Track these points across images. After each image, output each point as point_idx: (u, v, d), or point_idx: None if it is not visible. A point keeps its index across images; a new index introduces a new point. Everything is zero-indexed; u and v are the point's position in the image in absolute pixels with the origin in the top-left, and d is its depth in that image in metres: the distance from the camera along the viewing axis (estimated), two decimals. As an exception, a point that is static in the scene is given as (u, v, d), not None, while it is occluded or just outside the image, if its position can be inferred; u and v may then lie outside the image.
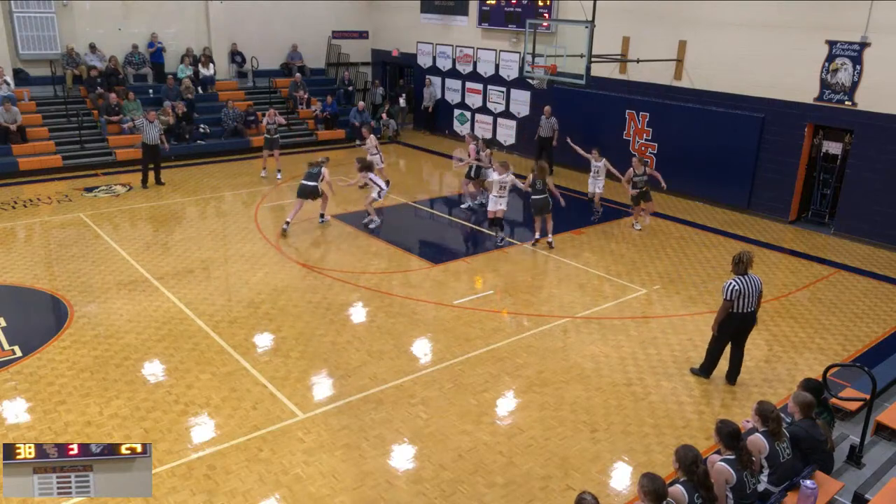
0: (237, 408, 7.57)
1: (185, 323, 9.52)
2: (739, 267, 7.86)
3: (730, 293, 7.83)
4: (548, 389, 8.14)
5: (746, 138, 14.93)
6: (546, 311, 10.31)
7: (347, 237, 13.18)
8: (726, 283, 7.90)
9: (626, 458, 6.97)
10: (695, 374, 8.53)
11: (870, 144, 13.28)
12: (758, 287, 7.93)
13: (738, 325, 8.04)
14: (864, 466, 6.29)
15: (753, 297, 7.90)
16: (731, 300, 7.84)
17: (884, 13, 12.65)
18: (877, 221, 13.37)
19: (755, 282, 7.92)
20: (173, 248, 12.32)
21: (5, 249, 12.02)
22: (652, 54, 16.06)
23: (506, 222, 13.34)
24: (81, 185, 16.05)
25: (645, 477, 4.71)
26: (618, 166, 14.59)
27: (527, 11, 18.62)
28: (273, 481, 6.43)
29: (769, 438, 5.53)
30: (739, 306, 7.88)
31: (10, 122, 16.82)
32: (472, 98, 21.76)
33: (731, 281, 7.87)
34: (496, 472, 6.66)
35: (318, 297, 10.45)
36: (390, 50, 24.15)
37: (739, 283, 7.80)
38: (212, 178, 17.06)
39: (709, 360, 8.43)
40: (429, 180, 18.73)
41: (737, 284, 7.80)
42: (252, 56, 22.08)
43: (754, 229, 14.37)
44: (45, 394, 7.72)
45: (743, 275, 7.85)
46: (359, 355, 8.79)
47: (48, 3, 18.61)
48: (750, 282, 7.85)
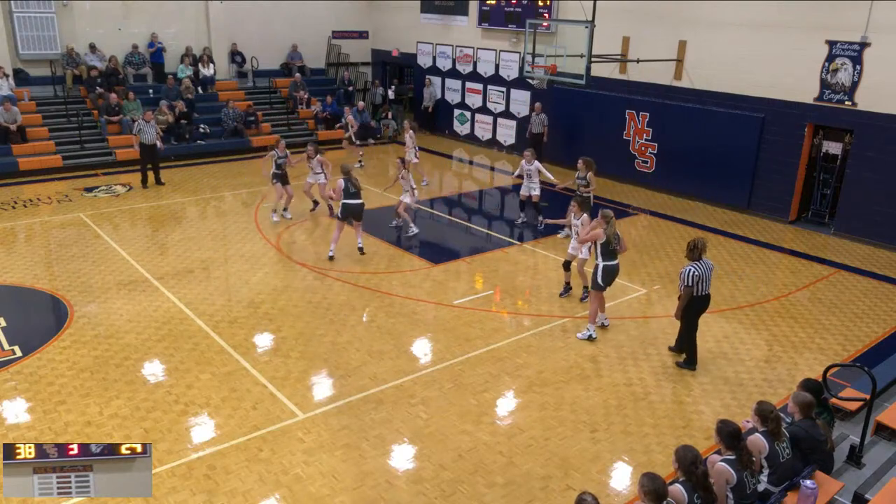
0: (237, 408, 7.57)
1: (185, 323, 9.52)
2: (695, 253, 8.28)
3: (690, 279, 8.24)
4: (548, 389, 8.14)
5: (746, 138, 14.93)
6: (546, 311, 10.31)
7: (347, 237, 13.17)
8: (684, 270, 8.26)
9: (626, 458, 6.97)
10: (681, 368, 8.69)
11: (870, 144, 13.28)
12: (710, 270, 8.41)
13: (701, 307, 8.50)
14: (864, 466, 6.29)
15: (709, 279, 8.38)
16: (691, 286, 8.23)
17: (884, 13, 12.65)
18: (877, 221, 13.37)
19: (708, 266, 8.39)
20: (173, 248, 12.32)
21: (5, 249, 12.03)
22: (652, 54, 16.06)
23: (505, 222, 13.34)
24: (81, 185, 16.05)
25: (645, 477, 4.71)
26: (618, 167, 14.57)
27: (527, 11, 18.62)
28: (273, 481, 6.43)
29: (769, 438, 5.53)
30: (699, 290, 8.30)
31: (10, 122, 16.82)
32: (472, 98, 21.76)
33: (688, 267, 8.26)
34: (496, 472, 6.66)
35: (318, 297, 10.45)
36: (390, 50, 24.15)
37: (698, 269, 8.23)
38: (212, 178, 17.06)
39: (689, 351, 8.72)
40: (429, 180, 18.70)
41: (696, 270, 8.23)
42: (252, 56, 22.09)
43: (754, 229, 14.37)
44: (45, 394, 7.72)
45: (698, 260, 8.26)
46: (359, 355, 8.79)
47: (48, 3, 18.62)
48: (704, 266, 8.30)
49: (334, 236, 11.94)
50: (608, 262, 8.97)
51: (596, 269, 9.03)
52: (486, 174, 19.31)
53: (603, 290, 9.15)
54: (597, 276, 9.02)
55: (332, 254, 11.87)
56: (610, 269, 9.01)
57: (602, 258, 8.95)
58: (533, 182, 13.43)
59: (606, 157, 16.74)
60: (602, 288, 9.11)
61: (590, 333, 9.26)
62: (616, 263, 9.07)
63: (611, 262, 8.99)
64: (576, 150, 17.90)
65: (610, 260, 8.97)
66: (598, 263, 9.00)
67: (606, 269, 8.98)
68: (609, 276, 9.05)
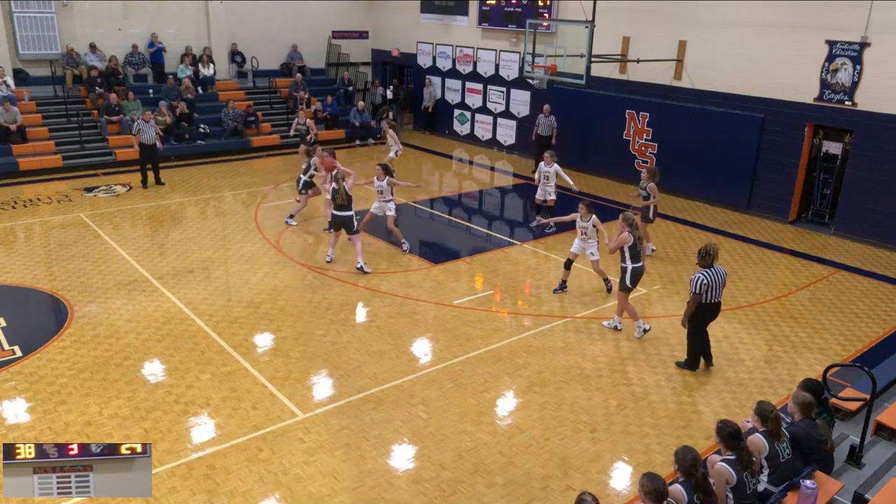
0: (237, 408, 7.57)
1: (185, 323, 9.52)
2: (706, 259, 8.08)
3: (698, 286, 8.05)
4: (548, 389, 8.14)
5: (746, 138, 14.93)
6: (546, 311, 10.31)
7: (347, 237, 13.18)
8: (694, 277, 8.11)
9: (626, 458, 6.97)
10: (680, 368, 8.66)
11: (870, 144, 13.28)
12: (723, 277, 8.20)
13: (708, 315, 8.34)
14: (864, 466, 6.30)
15: (720, 287, 8.18)
16: (699, 293, 8.06)
17: (884, 13, 12.64)
18: (877, 221, 13.37)
19: (720, 273, 8.17)
20: (173, 248, 12.32)
21: (5, 249, 12.02)
22: (652, 54, 16.06)
23: (505, 222, 13.33)
24: (81, 185, 16.05)
25: (645, 477, 4.71)
26: (617, 167, 14.57)
27: (527, 11, 18.62)
28: (273, 481, 6.43)
29: (769, 438, 5.53)
30: (708, 297, 8.12)
31: (10, 122, 16.82)
32: (472, 98, 21.76)
33: (698, 274, 8.09)
34: (496, 472, 6.66)
35: (318, 297, 10.45)
36: (390, 50, 24.15)
37: (707, 276, 8.03)
38: (212, 178, 17.06)
39: (692, 355, 8.63)
40: (429, 180, 18.71)
41: (705, 277, 8.03)
42: (252, 56, 22.09)
43: (754, 229, 14.37)
44: (45, 394, 7.72)
45: (709, 267, 8.06)
46: (359, 355, 8.79)
47: (48, 3, 18.62)
48: (716, 273, 8.09)
49: (331, 241, 11.93)
50: (636, 264, 9.14)
51: (624, 272, 9.20)
52: (487, 174, 19.30)
53: (630, 291, 9.30)
54: (625, 279, 9.20)
55: (329, 258, 11.85)
56: (637, 270, 9.21)
57: (630, 261, 9.11)
58: (549, 185, 13.27)
59: (606, 158, 16.76)
60: (629, 289, 9.27)
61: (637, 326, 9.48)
62: (642, 265, 9.27)
63: (637, 264, 9.17)
64: (576, 150, 18.01)
65: (637, 262, 9.15)
66: (627, 266, 9.14)
67: (635, 270, 9.17)
68: (636, 278, 9.26)
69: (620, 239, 9.06)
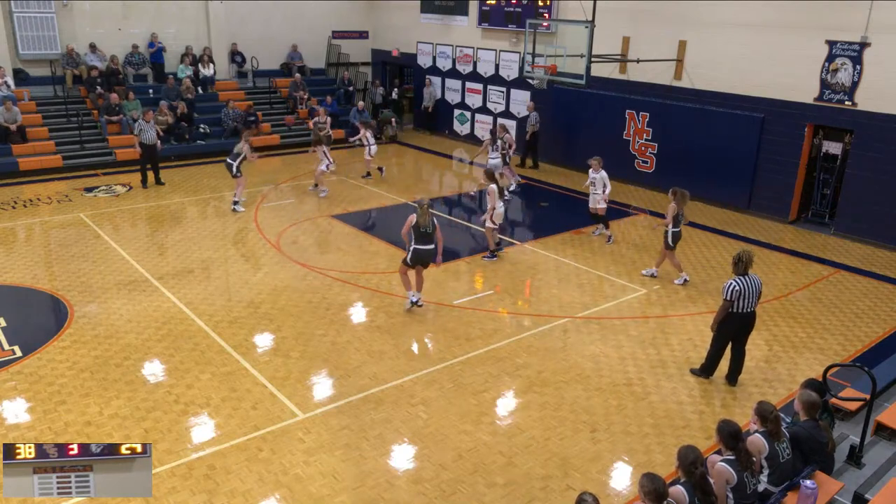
0: (237, 408, 7.57)
1: (185, 323, 9.52)
2: (739, 267, 7.85)
3: (730, 293, 7.81)
4: (548, 389, 8.14)
5: (746, 138, 14.92)
6: (546, 311, 10.31)
7: (347, 237, 13.18)
8: (726, 284, 7.89)
9: (626, 458, 6.97)
10: (695, 375, 8.53)
11: (870, 144, 13.28)
12: (758, 287, 7.94)
13: (738, 325, 8.04)
14: (864, 466, 6.29)
15: (753, 296, 7.90)
16: (730, 300, 7.84)
17: (884, 13, 12.64)
18: (877, 221, 13.36)
19: (755, 282, 7.92)
20: (173, 248, 12.31)
21: (5, 249, 12.02)
22: (652, 54, 16.06)
23: (505, 222, 13.32)
24: (81, 185, 16.05)
25: (645, 477, 4.70)
26: (618, 167, 14.55)
27: (527, 11, 18.61)
28: (273, 481, 6.43)
29: (768, 438, 5.53)
30: (739, 306, 7.88)
31: (10, 122, 16.82)
32: (472, 98, 21.76)
33: (731, 281, 7.86)
34: (496, 472, 6.66)
35: (318, 297, 10.45)
36: (390, 50, 24.15)
37: (740, 284, 7.79)
38: (212, 178, 17.05)
39: (709, 361, 8.42)
40: (429, 180, 18.72)
41: (737, 285, 7.79)
42: (252, 56, 22.09)
43: (754, 229, 14.37)
44: (45, 394, 7.72)
45: (743, 275, 7.85)
46: (359, 355, 8.79)
47: (48, 3, 18.61)
48: (750, 282, 7.85)
49: (405, 281, 10.08)
50: (675, 228, 11.06)
51: (666, 233, 11.11)
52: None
53: (672, 249, 11.23)
54: (668, 238, 11.12)
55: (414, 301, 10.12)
56: (677, 233, 11.11)
57: (672, 225, 11.01)
58: (597, 191, 12.81)
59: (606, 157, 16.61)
60: (672, 248, 11.21)
61: (684, 278, 11.37)
62: (680, 230, 11.17)
63: (676, 228, 11.06)
64: (575, 150, 18.00)
65: (676, 227, 11.05)
66: (668, 230, 11.06)
67: (675, 234, 11.10)
68: (676, 240, 11.16)
69: (672, 209, 10.97)
